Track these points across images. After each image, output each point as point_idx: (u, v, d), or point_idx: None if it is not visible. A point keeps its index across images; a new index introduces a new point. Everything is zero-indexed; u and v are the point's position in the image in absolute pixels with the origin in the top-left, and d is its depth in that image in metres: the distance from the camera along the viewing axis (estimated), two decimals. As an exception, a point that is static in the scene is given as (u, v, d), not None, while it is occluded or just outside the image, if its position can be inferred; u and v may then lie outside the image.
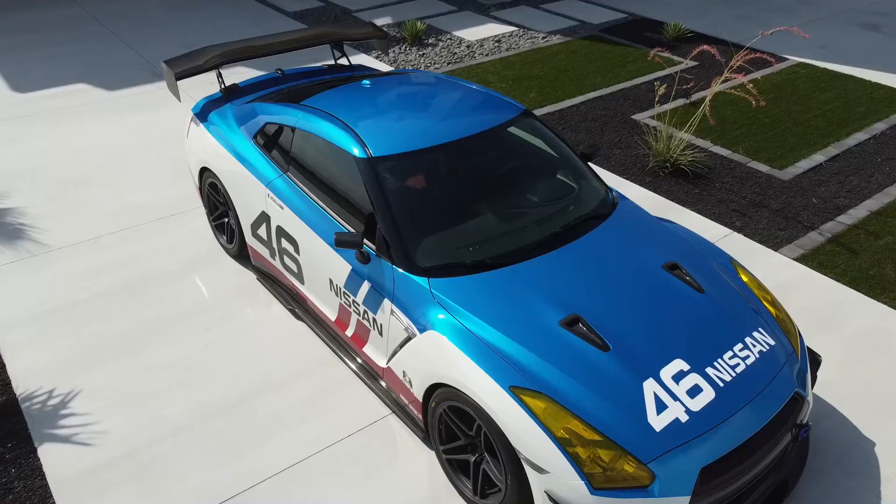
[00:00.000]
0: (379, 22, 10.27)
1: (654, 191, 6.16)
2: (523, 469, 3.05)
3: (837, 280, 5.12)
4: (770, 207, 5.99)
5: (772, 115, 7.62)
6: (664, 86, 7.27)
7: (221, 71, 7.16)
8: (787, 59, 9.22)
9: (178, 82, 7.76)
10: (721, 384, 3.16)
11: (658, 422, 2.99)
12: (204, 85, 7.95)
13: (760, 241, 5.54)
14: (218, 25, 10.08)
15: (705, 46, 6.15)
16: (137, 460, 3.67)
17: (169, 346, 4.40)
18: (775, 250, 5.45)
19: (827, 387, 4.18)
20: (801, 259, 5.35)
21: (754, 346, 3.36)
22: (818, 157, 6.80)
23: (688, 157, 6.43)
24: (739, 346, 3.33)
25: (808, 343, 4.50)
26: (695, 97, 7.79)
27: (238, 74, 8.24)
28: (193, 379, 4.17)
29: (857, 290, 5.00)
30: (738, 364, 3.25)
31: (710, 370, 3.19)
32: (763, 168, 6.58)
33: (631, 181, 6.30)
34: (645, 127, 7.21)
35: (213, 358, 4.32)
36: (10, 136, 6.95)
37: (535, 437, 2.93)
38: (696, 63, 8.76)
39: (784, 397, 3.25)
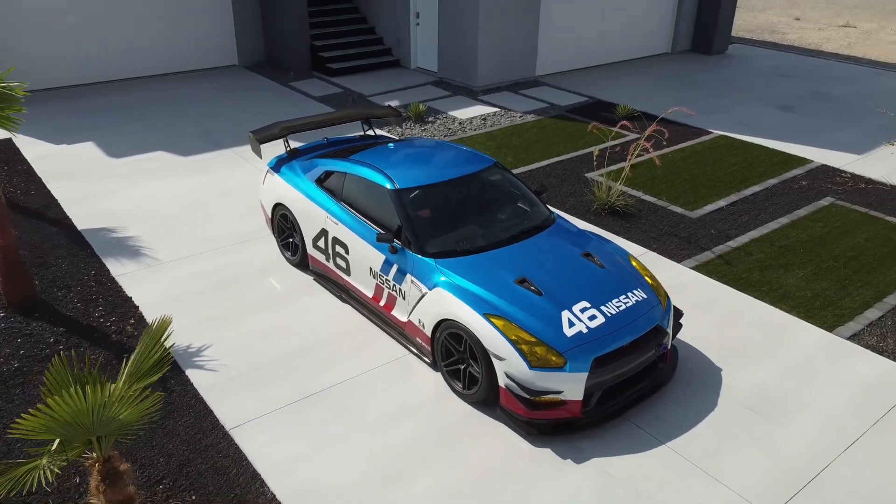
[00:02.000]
0: (387, 104, 12.75)
1: (596, 225, 8.42)
2: (492, 362, 5.17)
3: (718, 281, 7.32)
4: (679, 236, 8.25)
5: (692, 173, 9.99)
6: (598, 152, 9.64)
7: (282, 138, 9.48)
8: (712, 132, 11.69)
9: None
10: (609, 315, 5.33)
11: (569, 332, 5.14)
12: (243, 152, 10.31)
13: (668, 257, 7.77)
14: (261, 108, 12.56)
15: (625, 122, 8.54)
16: (248, 377, 5.76)
17: (256, 319, 6.53)
18: (678, 262, 7.67)
19: (702, 340, 6.32)
20: (696, 268, 7.57)
21: (632, 297, 5.54)
22: (721, 203, 9.12)
23: (621, 202, 8.74)
24: (623, 296, 5.52)
25: (689, 314, 6.65)
26: (638, 160, 10.15)
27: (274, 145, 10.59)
28: (276, 337, 6.29)
29: (731, 287, 7.21)
30: (620, 305, 5.43)
31: (602, 307, 5.37)
32: (678, 210, 8.89)
33: (580, 219, 8.57)
34: (592, 181, 9.54)
35: (287, 325, 6.46)
36: (116, 189, 9.23)
37: (497, 340, 5.08)
38: (637, 135, 11.20)
39: (648, 327, 5.41)
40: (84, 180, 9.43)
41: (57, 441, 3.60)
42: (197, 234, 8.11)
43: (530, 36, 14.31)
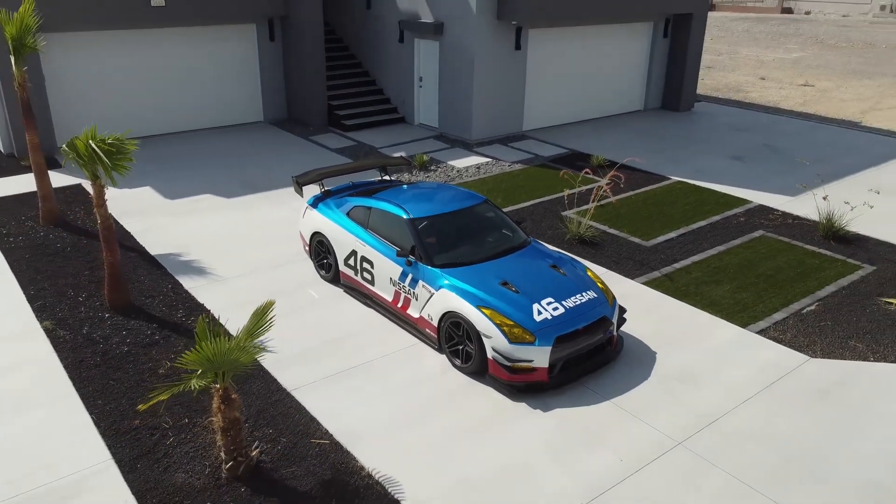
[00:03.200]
0: (396, 155, 14.90)
1: (569, 251, 10.41)
2: (482, 340, 7.11)
3: (662, 293, 9.31)
4: (634, 259, 10.27)
5: (650, 212, 12.06)
6: (568, 195, 11.71)
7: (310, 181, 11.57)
8: (671, 178, 13.82)
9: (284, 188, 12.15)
10: (567, 307, 7.30)
11: (538, 318, 7.11)
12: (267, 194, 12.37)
13: (624, 275, 9.76)
14: (286, 158, 14.69)
15: (588, 170, 10.62)
16: (300, 357, 7.67)
17: (301, 318, 8.46)
18: (632, 279, 9.67)
19: (644, 334, 8.25)
20: (645, 283, 9.56)
21: (585, 296, 7.52)
22: (671, 235, 11.16)
23: (589, 233, 10.78)
24: (579, 295, 7.50)
25: (636, 316, 8.59)
26: (606, 201, 12.20)
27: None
28: (318, 331, 8.21)
29: (671, 297, 9.18)
30: (576, 301, 7.41)
31: (563, 302, 7.34)
32: (636, 240, 10.92)
33: (556, 246, 10.59)
34: (566, 217, 11.59)
35: (325, 323, 8.39)
36: (176, 223, 11.24)
37: (486, 324, 7.04)
38: (611, 182, 13.30)
39: (596, 317, 7.38)
40: (149, 217, 11.46)
41: (200, 371, 5.52)
42: (244, 258, 10.10)
43: (518, 97, 16.58)
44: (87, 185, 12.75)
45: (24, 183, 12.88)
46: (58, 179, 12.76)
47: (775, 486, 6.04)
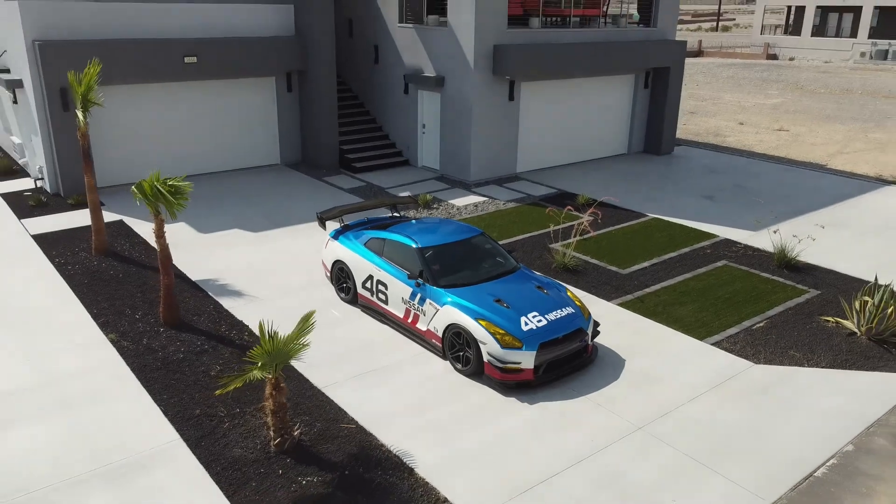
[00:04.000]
0: (403, 194, 16.57)
1: (556, 277, 12.00)
2: (479, 346, 8.64)
3: (634, 312, 10.86)
4: (611, 285, 11.84)
5: (628, 245, 13.68)
6: (553, 229, 13.33)
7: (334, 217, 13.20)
8: (648, 215, 15.48)
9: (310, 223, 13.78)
10: (549, 320, 8.86)
11: (525, 328, 8.67)
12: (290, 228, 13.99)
13: (603, 298, 11.33)
14: (304, 197, 16.35)
15: (569, 207, 12.27)
16: (327, 362, 9.17)
17: (328, 332, 9.97)
18: (609, 301, 11.23)
19: (616, 345, 9.78)
20: (620, 304, 11.12)
21: (564, 311, 9.09)
22: (645, 264, 12.76)
23: (572, 262, 12.38)
24: (559, 310, 9.06)
25: (609, 330, 10.12)
26: (590, 235, 13.82)
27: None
28: (342, 342, 9.72)
29: (641, 315, 10.74)
30: (557, 315, 8.97)
31: (546, 315, 8.91)
32: (613, 268, 12.51)
33: (544, 273, 12.15)
34: (553, 249, 13.20)
35: (347, 336, 9.91)
36: (211, 254, 12.82)
37: (483, 333, 8.60)
38: (588, 217, 14.95)
39: (573, 328, 8.93)
40: (186, 249, 13.05)
41: (259, 364, 7.05)
42: (272, 283, 11.65)
43: (512, 142, 18.36)
44: (129, 222, 14.38)
45: (72, 219, 14.50)
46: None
47: (715, 459, 7.53)
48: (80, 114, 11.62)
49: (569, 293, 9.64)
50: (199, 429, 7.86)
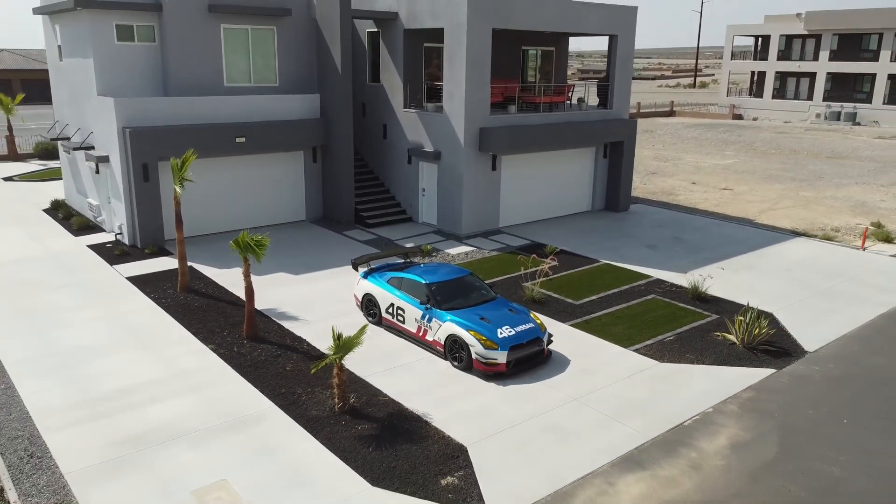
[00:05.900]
0: (408, 245, 20.88)
1: (526, 306, 16.20)
2: (469, 348, 12.85)
3: (580, 330, 15.09)
4: (566, 312, 16.09)
5: (581, 283, 17.97)
6: (523, 272, 17.67)
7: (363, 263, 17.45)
8: (600, 261, 19.84)
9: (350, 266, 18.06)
10: (517, 331, 13.13)
11: (500, 336, 12.93)
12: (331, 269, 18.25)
13: (559, 321, 15.56)
14: (328, 248, 20.62)
15: (534, 255, 16.61)
16: (363, 361, 13.30)
17: (368, 342, 14.10)
18: (563, 323, 15.46)
19: (565, 351, 13.98)
20: (571, 325, 15.36)
21: (527, 325, 13.36)
22: (593, 297, 17.04)
23: (539, 296, 16.65)
24: (523, 325, 13.33)
25: (561, 341, 14.31)
26: (554, 276, 18.07)
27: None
28: (373, 348, 13.86)
29: (585, 332, 14.97)
30: (522, 328, 13.25)
31: (515, 328, 13.18)
32: (569, 300, 16.79)
33: (518, 303, 16.37)
34: (526, 287, 17.47)
35: (376, 345, 14.06)
36: (265, 291, 16.98)
37: (472, 339, 12.87)
38: (553, 262, 19.24)
39: (533, 336, 13.18)
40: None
41: (333, 353, 11.21)
42: (317, 312, 15.82)
43: (495, 203, 22.81)
44: (197, 267, 18.57)
45: (152, 265, 18.68)
46: (172, 262, 18.56)
47: (621, 416, 11.68)
48: (177, 188, 15.92)
49: (532, 314, 13.89)
50: (286, 399, 11.96)
